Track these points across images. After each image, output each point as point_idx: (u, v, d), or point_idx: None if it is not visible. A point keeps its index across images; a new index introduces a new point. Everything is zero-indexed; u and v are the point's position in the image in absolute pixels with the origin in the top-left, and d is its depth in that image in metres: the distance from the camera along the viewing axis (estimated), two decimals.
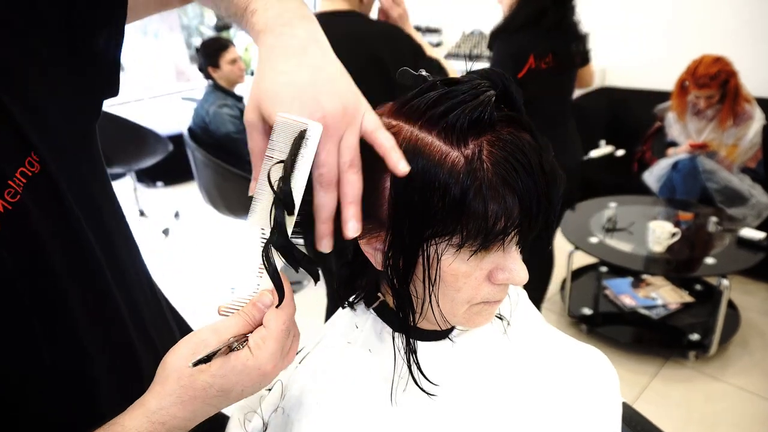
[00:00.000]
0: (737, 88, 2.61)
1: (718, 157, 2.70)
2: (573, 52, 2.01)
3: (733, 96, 2.60)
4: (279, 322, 0.48)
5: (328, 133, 0.48)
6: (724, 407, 2.01)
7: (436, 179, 0.48)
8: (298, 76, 0.48)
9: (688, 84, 2.67)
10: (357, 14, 1.48)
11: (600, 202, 2.67)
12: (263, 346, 0.47)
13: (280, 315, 0.49)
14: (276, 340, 0.48)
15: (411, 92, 0.53)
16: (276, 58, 0.49)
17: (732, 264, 2.18)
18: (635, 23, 3.58)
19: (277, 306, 0.49)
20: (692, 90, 2.66)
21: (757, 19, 3.09)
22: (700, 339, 2.24)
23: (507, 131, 0.50)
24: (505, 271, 0.54)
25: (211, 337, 0.47)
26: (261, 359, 0.47)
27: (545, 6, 1.91)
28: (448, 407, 0.61)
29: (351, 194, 0.50)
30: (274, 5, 0.53)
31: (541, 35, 1.95)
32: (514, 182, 0.48)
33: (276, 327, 0.48)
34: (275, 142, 0.48)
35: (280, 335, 0.48)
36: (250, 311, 0.49)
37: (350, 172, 0.49)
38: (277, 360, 0.48)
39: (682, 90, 2.74)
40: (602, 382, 0.74)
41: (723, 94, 2.62)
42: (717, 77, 2.55)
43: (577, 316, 2.44)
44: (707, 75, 2.56)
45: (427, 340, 0.63)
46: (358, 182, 0.50)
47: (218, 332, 0.48)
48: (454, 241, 0.51)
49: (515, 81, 0.53)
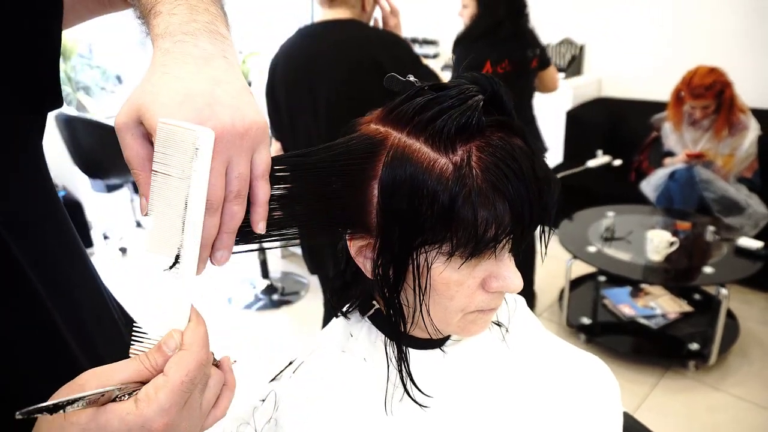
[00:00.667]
0: (732, 99, 2.62)
1: (714, 166, 2.70)
2: (529, 57, 2.21)
3: (728, 106, 2.61)
4: (180, 371, 0.39)
5: (218, 149, 0.40)
6: (725, 417, 1.99)
7: (425, 186, 0.48)
8: (194, 83, 0.41)
9: (684, 94, 2.68)
10: (358, 22, 1.50)
11: (598, 212, 2.67)
12: (153, 399, 0.38)
13: (184, 361, 0.40)
14: (172, 392, 0.39)
15: (399, 98, 0.53)
16: (170, 63, 0.42)
17: (730, 273, 2.17)
18: (631, 35, 3.60)
19: None
20: (688, 100, 2.67)
21: (753, 31, 3.11)
22: (700, 349, 2.22)
23: (497, 136, 0.49)
24: (499, 278, 0.53)
25: (91, 381, 0.39)
26: (147, 414, 0.38)
27: (501, 18, 2.16)
28: (444, 417, 0.60)
29: (230, 225, 0.44)
30: (182, 12, 0.45)
31: (498, 44, 2.18)
32: (505, 188, 0.47)
33: (175, 376, 0.39)
34: (162, 155, 0.40)
35: (178, 387, 0.39)
36: (153, 355, 0.41)
37: (235, 203, 0.43)
38: (172, 416, 0.39)
39: (678, 100, 2.75)
40: (603, 391, 0.73)
41: (718, 105, 2.63)
42: (712, 87, 2.57)
43: (576, 326, 2.43)
44: (702, 85, 2.57)
45: (422, 348, 0.62)
46: (240, 214, 0.44)
47: (101, 376, 0.39)
48: (444, 249, 0.50)
49: None
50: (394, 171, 0.49)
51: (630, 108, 3.54)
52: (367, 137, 0.52)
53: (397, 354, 0.58)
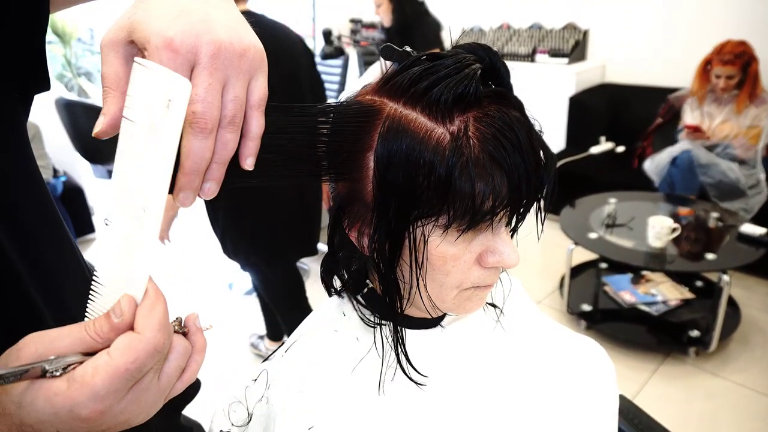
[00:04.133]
0: (757, 73, 2.69)
1: (737, 141, 2.71)
2: None
3: (753, 79, 2.68)
4: (127, 356, 0.34)
5: (215, 65, 0.38)
6: (724, 404, 1.99)
7: (421, 157, 0.47)
8: (190, 2, 0.39)
9: (712, 63, 2.73)
10: None
11: (600, 198, 2.65)
12: (87, 382, 0.33)
13: (133, 346, 0.34)
14: (111, 377, 0.33)
15: (395, 68, 0.52)
16: None
17: (732, 260, 2.16)
18: (634, 20, 3.56)
19: None
20: (716, 66, 2.71)
21: (758, 16, 3.07)
22: (701, 335, 2.22)
23: (494, 107, 0.48)
24: (495, 253, 0.52)
25: (29, 347, 0.35)
26: (76, 398, 0.33)
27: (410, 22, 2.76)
28: (437, 397, 0.60)
29: (223, 155, 0.40)
30: None
31: None
32: (502, 159, 0.47)
33: (120, 361, 0.34)
34: (132, 99, 0.36)
35: (122, 373, 0.34)
36: (100, 323, 0.36)
37: (228, 129, 0.40)
38: (108, 404, 0.34)
39: (705, 72, 2.79)
40: (598, 373, 0.72)
41: (742, 79, 2.69)
42: (742, 56, 2.65)
43: (577, 313, 2.42)
44: (733, 53, 2.65)
45: (417, 328, 0.62)
46: (233, 143, 0.41)
47: (40, 342, 0.35)
48: (440, 222, 0.49)
49: None
50: (390, 142, 0.48)
51: (633, 94, 3.51)
52: (362, 105, 0.50)
53: (393, 332, 0.58)
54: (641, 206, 2.59)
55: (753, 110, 2.70)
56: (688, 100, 2.90)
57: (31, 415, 0.34)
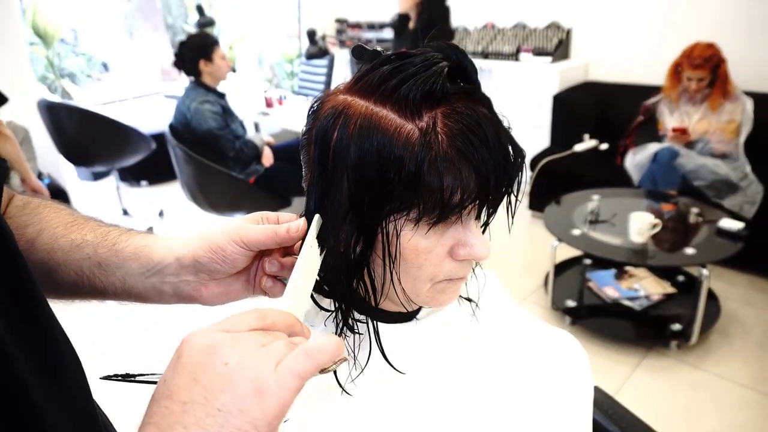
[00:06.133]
0: (726, 74, 2.76)
1: (715, 136, 2.76)
2: None
3: (723, 79, 2.75)
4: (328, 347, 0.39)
5: None
6: (706, 396, 2.03)
7: (392, 153, 0.48)
8: None
9: (682, 66, 2.79)
10: None
11: (583, 195, 2.68)
12: None
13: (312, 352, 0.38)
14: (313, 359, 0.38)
15: (365, 68, 0.53)
16: None
17: (711, 254, 2.19)
18: (617, 19, 3.60)
19: None
20: (686, 70, 2.77)
21: (741, 14, 3.12)
22: (682, 329, 2.26)
23: (462, 104, 0.49)
24: (466, 246, 0.54)
25: None
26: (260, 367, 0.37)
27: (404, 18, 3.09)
28: (411, 389, 0.61)
29: None
30: None
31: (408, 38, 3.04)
32: (470, 154, 0.48)
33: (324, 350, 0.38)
34: None
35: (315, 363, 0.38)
36: None
37: None
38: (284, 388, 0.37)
39: (676, 74, 2.86)
40: (572, 364, 0.73)
41: (713, 79, 2.76)
42: (710, 60, 2.72)
43: (561, 309, 2.45)
44: (702, 57, 2.72)
45: (392, 322, 0.63)
46: None
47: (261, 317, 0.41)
48: (412, 216, 0.50)
49: None
50: (362, 138, 0.49)
51: (617, 92, 3.56)
52: (331, 110, 0.52)
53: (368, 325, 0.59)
54: (624, 202, 2.63)
55: (728, 106, 2.77)
56: (664, 102, 2.96)
57: None
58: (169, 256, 0.55)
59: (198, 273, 0.56)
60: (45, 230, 0.57)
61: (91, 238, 0.57)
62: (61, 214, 0.59)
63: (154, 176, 4.26)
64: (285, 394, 0.37)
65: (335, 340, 0.39)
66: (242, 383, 0.36)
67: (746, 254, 2.19)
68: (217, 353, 0.37)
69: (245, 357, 0.37)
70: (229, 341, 0.38)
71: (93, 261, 0.56)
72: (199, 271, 0.55)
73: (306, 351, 0.38)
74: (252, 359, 0.37)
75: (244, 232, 0.53)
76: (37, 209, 0.59)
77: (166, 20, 5.90)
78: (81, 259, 0.56)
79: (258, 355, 0.38)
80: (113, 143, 3.25)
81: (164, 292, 0.57)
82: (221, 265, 0.55)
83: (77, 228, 0.58)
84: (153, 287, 0.56)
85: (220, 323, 0.41)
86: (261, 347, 0.38)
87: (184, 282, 0.56)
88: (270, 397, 0.36)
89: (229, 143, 2.80)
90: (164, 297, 0.57)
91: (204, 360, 0.37)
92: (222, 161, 2.80)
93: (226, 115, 2.84)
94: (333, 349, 0.39)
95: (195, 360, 0.38)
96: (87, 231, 0.58)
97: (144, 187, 4.27)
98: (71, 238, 0.57)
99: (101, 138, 3.18)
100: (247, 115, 3.51)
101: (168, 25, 5.93)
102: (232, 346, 0.38)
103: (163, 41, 5.84)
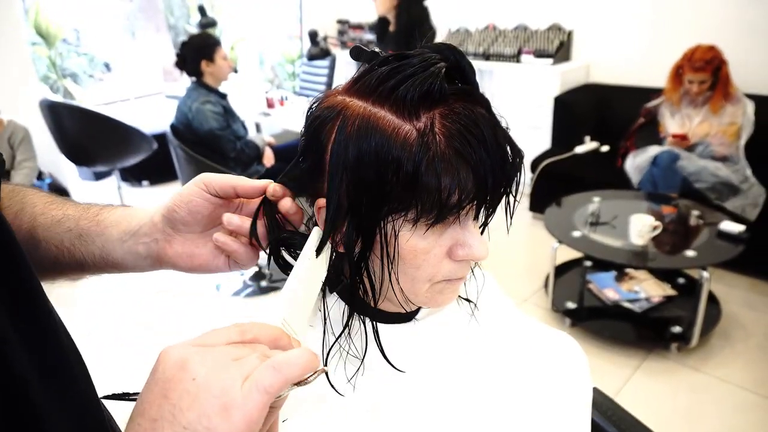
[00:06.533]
0: (728, 76, 2.76)
1: (716, 139, 2.76)
2: None
3: (724, 82, 2.75)
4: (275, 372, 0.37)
5: None
6: (706, 398, 2.03)
7: (390, 153, 0.48)
8: None
9: (684, 69, 2.80)
10: None
11: (584, 197, 2.68)
12: None
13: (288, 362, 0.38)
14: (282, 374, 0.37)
15: (363, 69, 0.53)
16: None
17: (712, 256, 2.19)
18: (619, 21, 3.60)
19: None
20: (688, 73, 2.78)
21: (743, 17, 3.12)
22: (683, 331, 2.25)
23: (460, 104, 0.49)
24: (465, 246, 0.54)
25: None
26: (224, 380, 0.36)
27: (384, 22, 3.04)
28: (411, 390, 0.61)
29: None
30: None
31: (391, 41, 2.98)
32: (468, 155, 0.48)
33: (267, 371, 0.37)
34: None
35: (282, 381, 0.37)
36: None
37: None
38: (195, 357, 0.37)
39: (677, 77, 2.87)
40: (571, 365, 0.74)
41: (714, 81, 2.76)
42: (711, 62, 2.72)
43: (562, 311, 2.45)
44: (703, 59, 2.72)
45: (391, 322, 0.63)
46: None
47: None
48: (410, 216, 0.50)
49: None
50: (360, 139, 0.49)
51: (618, 94, 3.55)
52: (328, 109, 0.52)
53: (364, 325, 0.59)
54: (625, 204, 2.63)
55: (729, 108, 2.77)
56: (665, 104, 2.96)
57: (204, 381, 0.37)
58: (145, 218, 0.58)
59: (164, 229, 0.57)
60: (24, 210, 0.59)
61: (72, 212, 0.59)
62: (38, 195, 0.62)
63: (155, 176, 4.26)
64: (251, 410, 0.36)
65: (306, 353, 0.38)
66: (209, 399, 0.35)
67: (747, 257, 2.19)
68: (187, 368, 0.37)
69: (212, 371, 0.37)
70: (199, 355, 0.37)
71: (74, 233, 0.58)
72: (166, 226, 0.57)
73: (273, 365, 0.37)
74: (219, 374, 0.36)
75: (207, 177, 0.56)
76: (13, 191, 0.61)
77: (168, 21, 5.92)
78: (62, 233, 0.58)
79: (226, 370, 0.37)
80: (115, 143, 3.25)
81: (138, 254, 0.58)
82: (183, 214, 0.56)
83: (57, 206, 0.60)
84: (129, 251, 0.58)
85: (200, 337, 0.40)
86: (232, 361, 0.38)
87: (153, 241, 0.58)
88: (236, 413, 0.35)
89: (230, 144, 2.80)
90: (139, 260, 0.59)
91: (175, 375, 0.37)
92: (223, 161, 2.80)
93: (227, 116, 2.85)
94: (303, 363, 0.38)
95: (167, 375, 0.37)
96: (68, 207, 0.60)
97: (145, 187, 4.28)
98: (52, 215, 0.59)
99: (103, 138, 3.19)
100: (248, 115, 3.51)
101: (170, 26, 5.94)
102: (202, 361, 0.37)
103: (164, 42, 5.86)
